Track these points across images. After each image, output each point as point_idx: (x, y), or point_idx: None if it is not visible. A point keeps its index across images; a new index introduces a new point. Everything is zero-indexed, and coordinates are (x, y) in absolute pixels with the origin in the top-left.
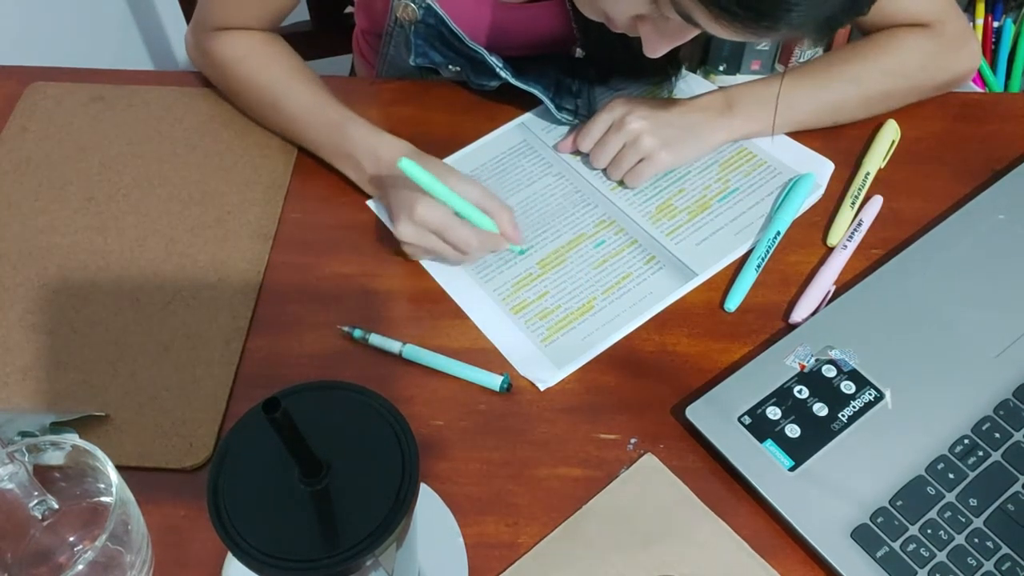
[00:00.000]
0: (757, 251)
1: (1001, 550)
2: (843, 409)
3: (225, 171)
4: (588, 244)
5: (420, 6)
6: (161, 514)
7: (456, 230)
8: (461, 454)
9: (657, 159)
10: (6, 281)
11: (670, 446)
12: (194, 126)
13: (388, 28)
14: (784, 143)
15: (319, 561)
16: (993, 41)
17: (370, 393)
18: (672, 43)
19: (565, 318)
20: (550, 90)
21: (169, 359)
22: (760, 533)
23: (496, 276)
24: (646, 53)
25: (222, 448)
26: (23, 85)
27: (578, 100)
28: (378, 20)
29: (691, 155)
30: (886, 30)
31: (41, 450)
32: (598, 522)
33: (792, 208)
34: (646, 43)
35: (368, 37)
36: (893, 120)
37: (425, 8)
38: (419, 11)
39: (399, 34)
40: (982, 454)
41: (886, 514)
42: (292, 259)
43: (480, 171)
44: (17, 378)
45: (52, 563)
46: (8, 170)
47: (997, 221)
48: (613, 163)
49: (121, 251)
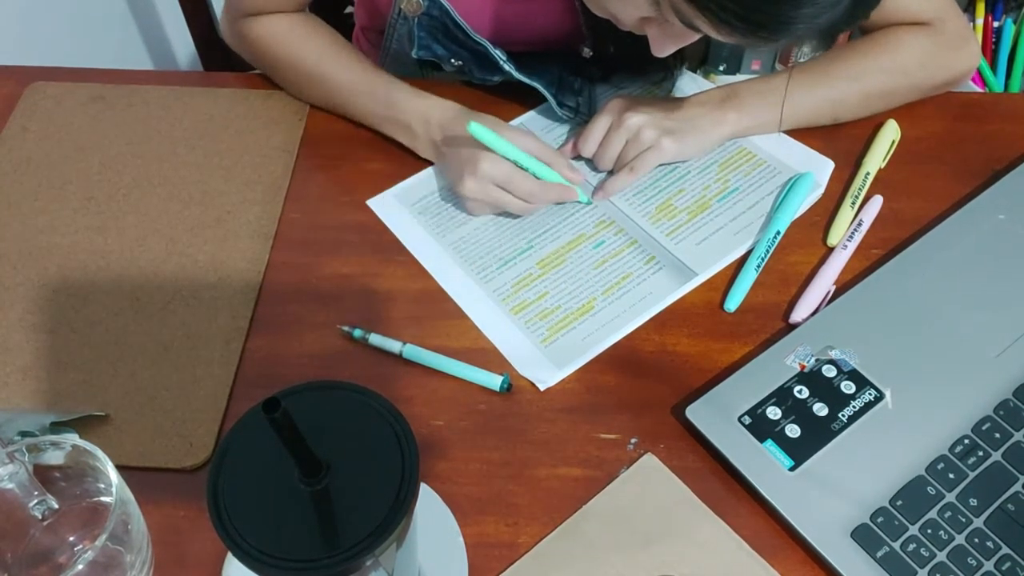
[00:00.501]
0: (757, 251)
1: (1001, 550)
2: (843, 409)
3: (225, 171)
4: (588, 244)
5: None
6: (161, 514)
7: (522, 182)
8: (461, 454)
9: (661, 146)
10: (6, 281)
11: (670, 446)
12: (194, 126)
13: (391, 21)
14: (784, 142)
15: (319, 561)
16: (993, 41)
17: (370, 393)
18: (679, 43)
19: (565, 318)
20: (552, 86)
21: (169, 359)
22: (760, 533)
23: (496, 277)
24: (654, 52)
25: (222, 448)
26: (23, 85)
27: (579, 98)
28: (379, 15)
29: (694, 147)
30: (886, 29)
31: (41, 450)
32: (598, 522)
33: (792, 208)
34: (653, 43)
35: (368, 34)
36: (893, 120)
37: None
38: (424, 2)
39: (402, 27)
40: (982, 454)
41: (886, 514)
42: (292, 259)
43: None
44: (17, 378)
45: (52, 563)
46: (8, 170)
47: (997, 221)
48: (618, 162)
49: (121, 251)
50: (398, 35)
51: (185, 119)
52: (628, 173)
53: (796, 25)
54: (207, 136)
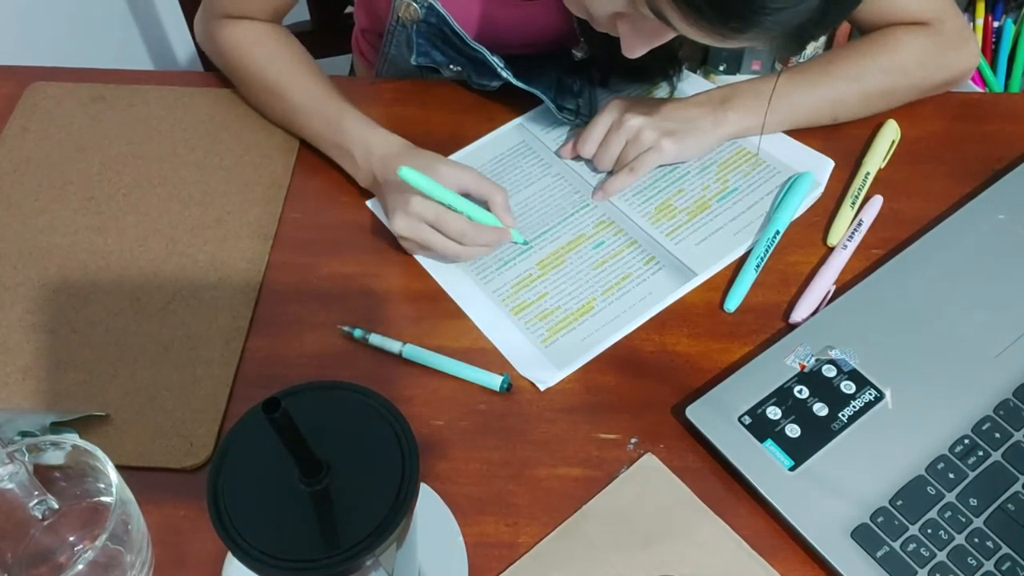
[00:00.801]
0: (756, 251)
1: (1001, 550)
2: (843, 409)
3: (225, 171)
4: (587, 245)
5: (422, 6)
6: (161, 514)
7: (452, 222)
8: (461, 454)
9: (661, 147)
10: (6, 281)
11: (670, 446)
12: (194, 126)
13: (390, 27)
14: (784, 142)
15: (319, 561)
16: (993, 41)
17: (370, 393)
18: (650, 43)
19: (565, 319)
20: (551, 90)
21: (169, 359)
22: (760, 533)
23: (496, 277)
24: (624, 52)
25: (222, 448)
26: (23, 85)
27: (579, 100)
28: (379, 19)
29: (694, 148)
30: (885, 28)
31: (41, 450)
32: (598, 522)
33: (791, 207)
34: (624, 42)
35: (368, 36)
36: (893, 120)
37: (427, 7)
38: (421, 10)
39: (400, 33)
40: (982, 454)
41: (886, 514)
42: (292, 259)
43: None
44: (17, 378)
45: (52, 563)
46: (8, 170)
47: (997, 221)
48: (618, 163)
49: (121, 251)
50: (396, 41)
51: (185, 119)
52: (628, 174)
53: (765, 17)
54: (207, 136)
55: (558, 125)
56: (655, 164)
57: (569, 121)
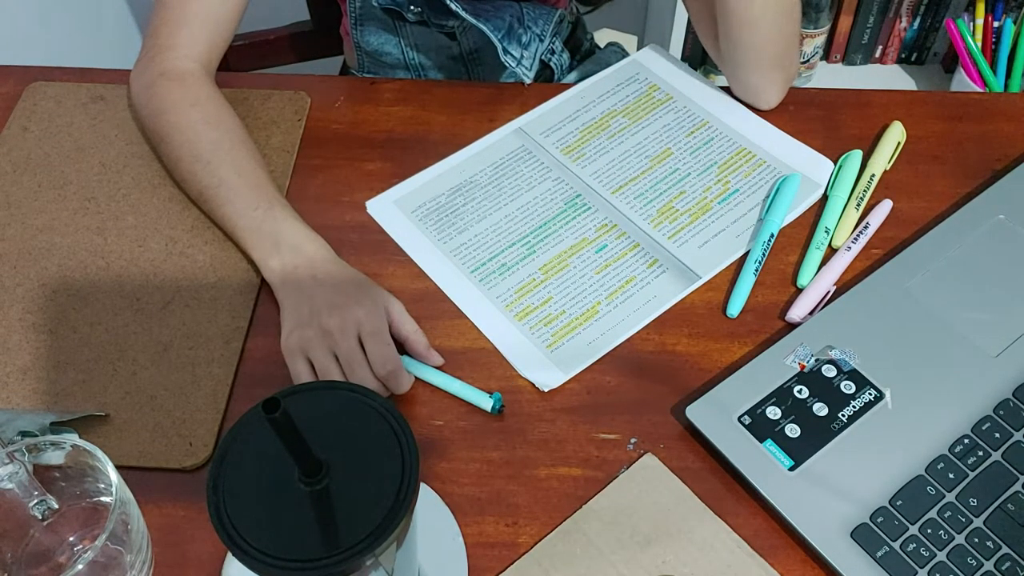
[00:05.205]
0: (753, 255)
1: (1001, 550)
2: (843, 409)
3: None
4: (590, 249)
5: None
6: (161, 514)
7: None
8: (461, 454)
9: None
10: (6, 281)
11: (670, 446)
12: None
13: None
14: (784, 142)
15: (319, 561)
16: (993, 41)
17: (370, 393)
18: None
19: (569, 324)
20: (500, 31)
21: (169, 359)
22: (760, 533)
23: (499, 283)
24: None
25: (222, 448)
26: (23, 85)
27: (524, 51)
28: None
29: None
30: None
31: (41, 450)
32: (598, 522)
33: (780, 210)
34: None
35: (345, 5)
36: (899, 122)
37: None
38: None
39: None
40: (982, 454)
41: (886, 514)
42: None
43: (478, 177)
44: (17, 378)
45: (52, 563)
46: (8, 170)
47: (997, 221)
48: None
49: (121, 251)
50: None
51: None
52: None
53: None
54: None
55: (559, 126)
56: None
57: (510, 66)
